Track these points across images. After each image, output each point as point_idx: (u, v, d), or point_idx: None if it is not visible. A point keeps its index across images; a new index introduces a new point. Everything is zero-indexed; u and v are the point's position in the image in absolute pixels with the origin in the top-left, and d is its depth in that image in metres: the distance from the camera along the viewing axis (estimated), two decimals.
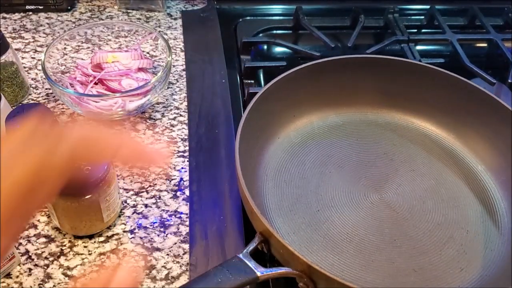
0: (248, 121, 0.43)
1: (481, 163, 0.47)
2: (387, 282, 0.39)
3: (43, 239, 0.42)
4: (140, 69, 0.54)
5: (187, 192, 0.46)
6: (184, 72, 0.58)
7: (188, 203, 0.45)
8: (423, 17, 0.69)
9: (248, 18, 0.66)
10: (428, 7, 0.68)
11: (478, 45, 0.70)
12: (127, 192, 0.46)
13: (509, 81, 0.58)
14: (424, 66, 0.49)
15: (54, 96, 0.55)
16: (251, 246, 0.34)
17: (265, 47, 0.64)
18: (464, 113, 0.49)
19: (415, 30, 0.68)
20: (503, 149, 0.46)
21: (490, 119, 0.47)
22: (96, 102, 0.50)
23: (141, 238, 0.43)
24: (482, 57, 0.70)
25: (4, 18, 0.64)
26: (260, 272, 0.32)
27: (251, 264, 0.32)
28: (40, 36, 0.62)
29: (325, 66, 0.49)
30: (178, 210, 0.45)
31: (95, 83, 0.52)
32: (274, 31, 0.66)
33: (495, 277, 0.39)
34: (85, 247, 0.42)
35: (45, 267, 0.40)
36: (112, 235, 0.43)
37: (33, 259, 0.41)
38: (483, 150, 0.48)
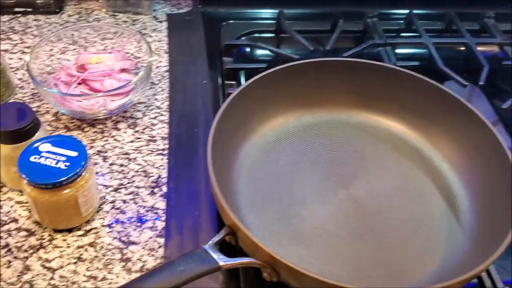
0: (222, 120, 0.44)
1: (447, 162, 0.49)
2: (353, 275, 0.40)
3: (23, 233, 0.44)
4: (123, 70, 0.56)
5: (164, 188, 0.48)
6: (167, 73, 0.60)
7: (165, 199, 0.47)
8: (402, 21, 0.72)
9: (232, 21, 0.68)
10: (407, 11, 0.70)
11: (456, 48, 0.72)
12: (106, 188, 0.48)
13: (480, 83, 0.60)
14: (394, 69, 0.51)
15: (39, 96, 0.56)
16: (216, 238, 0.35)
17: (248, 49, 0.66)
18: (433, 114, 0.51)
19: (394, 34, 0.70)
20: (468, 149, 0.48)
21: (456, 120, 0.49)
22: (79, 101, 0.52)
23: (118, 232, 0.44)
24: (460, 60, 0.72)
25: None
26: (223, 261, 0.33)
27: (214, 254, 0.33)
28: (28, 38, 0.63)
29: (300, 68, 0.51)
30: (155, 206, 0.47)
31: (79, 83, 0.54)
32: (258, 35, 0.68)
33: (455, 271, 0.41)
34: (64, 240, 0.44)
35: (25, 259, 0.42)
36: (91, 229, 0.45)
37: (12, 252, 0.42)
38: (449, 149, 0.49)
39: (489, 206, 0.45)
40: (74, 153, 0.42)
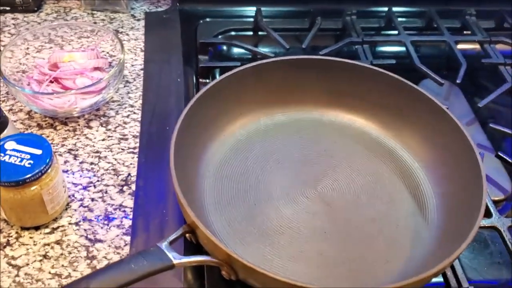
0: (189, 118, 0.44)
1: (417, 160, 0.49)
2: (314, 273, 0.40)
3: None
4: (96, 68, 0.56)
5: (133, 187, 0.48)
6: (142, 72, 0.60)
7: (134, 198, 0.47)
8: (382, 19, 0.71)
9: (209, 19, 0.68)
10: (386, 9, 0.70)
11: (438, 46, 0.71)
12: (75, 187, 0.48)
13: (457, 82, 0.60)
14: (366, 68, 0.51)
15: (13, 94, 0.56)
16: (173, 236, 0.36)
17: (225, 48, 0.66)
18: (405, 113, 0.50)
19: (374, 32, 0.70)
20: (439, 148, 0.48)
21: (428, 119, 0.49)
22: (51, 99, 0.52)
23: (85, 230, 0.45)
24: (442, 58, 0.71)
25: None
26: (177, 259, 0.33)
27: (169, 252, 0.34)
28: (5, 37, 0.64)
29: (271, 66, 0.51)
30: (123, 204, 0.47)
31: (51, 82, 0.54)
32: (236, 33, 0.68)
33: (419, 269, 0.40)
34: (31, 238, 0.44)
35: None
36: (58, 227, 0.45)
37: None
38: (419, 147, 0.49)
39: (457, 205, 0.45)
40: (38, 151, 0.42)
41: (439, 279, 0.44)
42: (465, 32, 0.72)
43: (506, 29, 0.71)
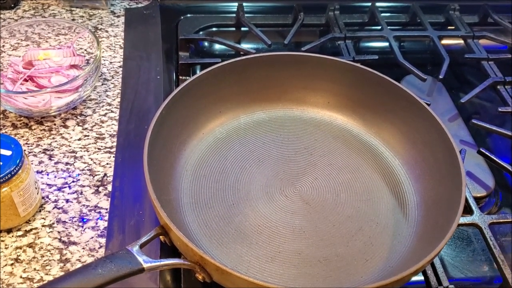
0: (164, 117, 0.43)
1: (398, 158, 0.48)
2: (292, 273, 0.40)
3: None
4: (72, 66, 0.54)
5: (109, 187, 0.47)
6: (121, 69, 0.59)
7: (109, 198, 0.46)
8: (365, 14, 0.70)
9: (190, 15, 0.67)
10: (369, 4, 0.69)
11: (419, 42, 0.71)
12: (50, 188, 0.47)
13: (440, 77, 0.59)
14: (345, 64, 0.50)
15: None
16: (144, 239, 0.35)
17: (206, 44, 0.65)
18: (385, 109, 0.50)
19: (357, 28, 0.69)
20: (419, 143, 0.47)
21: (407, 115, 0.48)
22: (25, 99, 0.51)
23: (59, 232, 0.44)
24: (426, 54, 0.71)
25: None
26: (148, 263, 0.33)
27: (139, 255, 0.33)
28: None
29: (249, 63, 0.50)
30: (99, 205, 0.46)
31: (25, 80, 0.52)
32: (217, 29, 0.67)
33: (398, 267, 0.40)
34: (2, 241, 0.43)
35: None
36: (31, 230, 0.44)
37: None
38: (400, 144, 0.49)
39: (437, 202, 0.44)
40: (8, 152, 0.41)
41: (420, 277, 0.43)
42: (448, 27, 0.72)
43: (490, 24, 0.71)
